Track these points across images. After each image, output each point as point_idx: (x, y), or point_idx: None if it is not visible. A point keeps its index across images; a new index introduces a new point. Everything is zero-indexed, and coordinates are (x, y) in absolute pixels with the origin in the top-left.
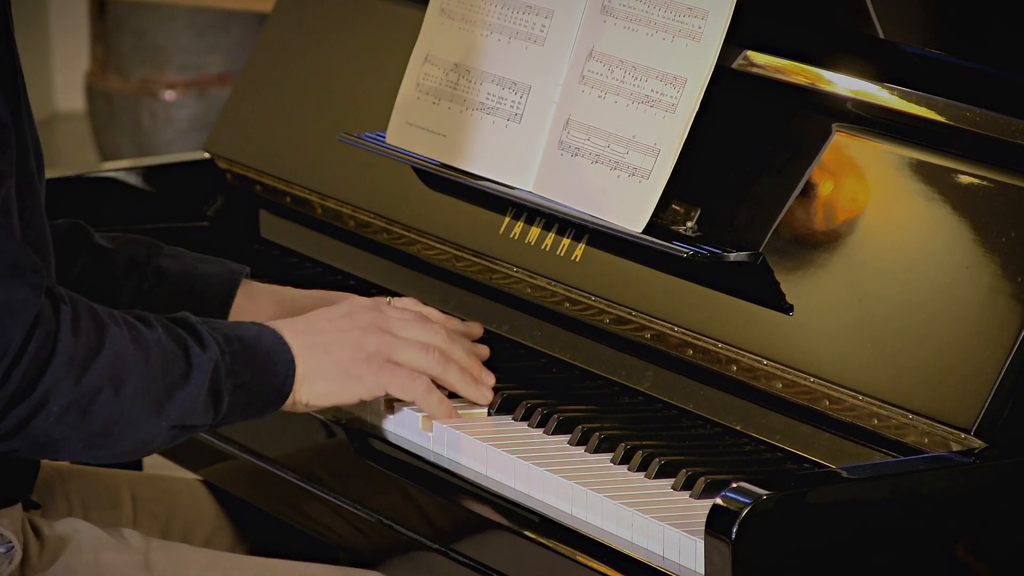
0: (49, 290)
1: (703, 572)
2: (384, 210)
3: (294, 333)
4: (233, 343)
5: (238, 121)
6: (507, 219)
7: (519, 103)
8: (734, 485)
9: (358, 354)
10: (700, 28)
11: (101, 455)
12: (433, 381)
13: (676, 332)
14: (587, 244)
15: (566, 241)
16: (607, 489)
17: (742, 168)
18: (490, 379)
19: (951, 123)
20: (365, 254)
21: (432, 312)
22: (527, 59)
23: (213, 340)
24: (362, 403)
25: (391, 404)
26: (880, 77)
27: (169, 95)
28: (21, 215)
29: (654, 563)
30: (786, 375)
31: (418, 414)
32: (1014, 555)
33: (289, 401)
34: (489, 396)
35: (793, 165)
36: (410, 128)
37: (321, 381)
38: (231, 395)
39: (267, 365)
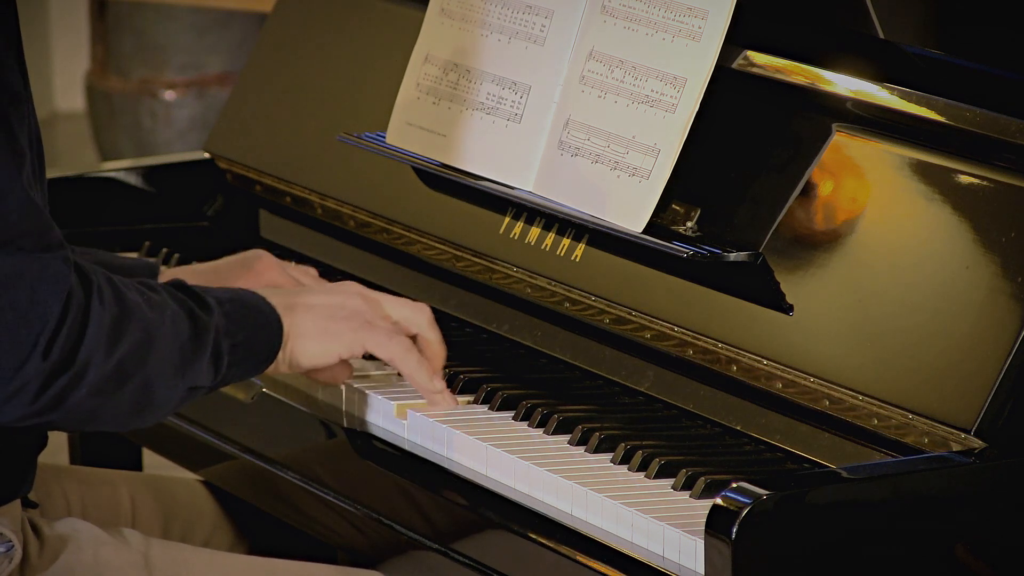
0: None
1: (703, 572)
2: (384, 210)
3: (274, 295)
4: (225, 304)
5: (238, 121)
6: (507, 219)
7: (519, 103)
8: (734, 485)
9: (339, 312)
10: (700, 28)
11: (132, 422)
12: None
13: (676, 332)
14: (587, 244)
15: (566, 241)
16: (607, 489)
17: (742, 168)
18: (440, 384)
19: (951, 123)
20: (365, 254)
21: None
22: (527, 59)
23: (212, 301)
24: (361, 401)
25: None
26: (880, 77)
27: (169, 95)
28: None
29: (654, 563)
30: (786, 375)
31: (419, 412)
32: (1014, 555)
33: (276, 359)
34: (444, 393)
35: (793, 165)
36: (410, 128)
37: (302, 339)
38: (229, 355)
39: (259, 324)
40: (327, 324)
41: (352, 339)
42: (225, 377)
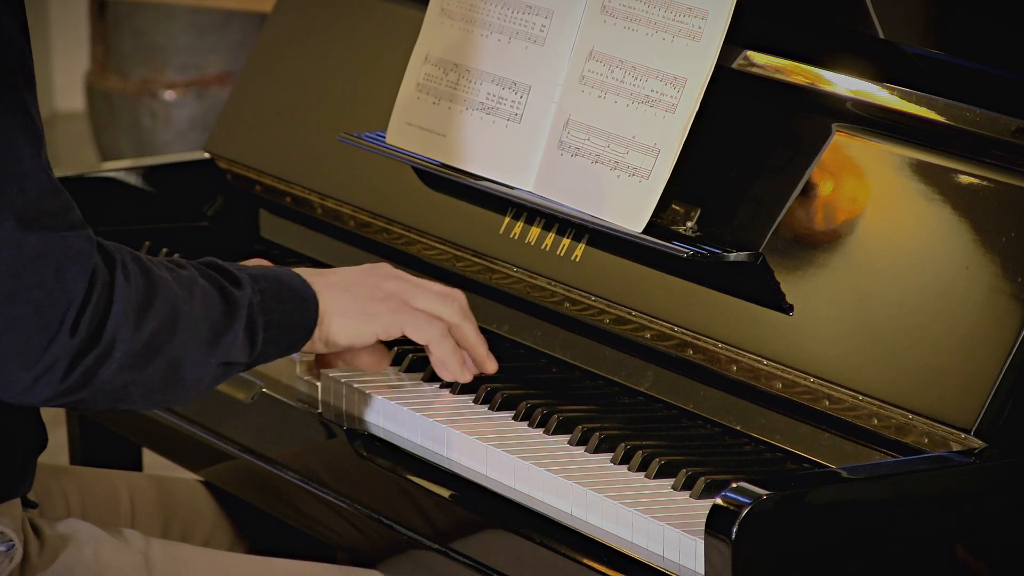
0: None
1: (703, 572)
2: (384, 210)
3: (312, 274)
4: (260, 281)
5: (238, 121)
6: (507, 219)
7: (519, 103)
8: (734, 485)
9: (376, 293)
10: (700, 28)
11: (163, 400)
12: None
13: (676, 332)
14: (587, 244)
15: (566, 241)
16: (607, 489)
17: (742, 168)
18: (493, 365)
19: (951, 123)
20: (365, 254)
21: None
22: (527, 59)
23: (245, 278)
24: (362, 401)
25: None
26: (880, 77)
27: (169, 95)
28: None
29: (654, 563)
30: (786, 375)
31: (417, 413)
32: (1014, 555)
33: (313, 337)
34: (493, 367)
35: (793, 165)
36: (410, 128)
37: (340, 317)
38: (264, 331)
39: (295, 301)
40: (364, 304)
41: (390, 320)
42: (262, 353)
